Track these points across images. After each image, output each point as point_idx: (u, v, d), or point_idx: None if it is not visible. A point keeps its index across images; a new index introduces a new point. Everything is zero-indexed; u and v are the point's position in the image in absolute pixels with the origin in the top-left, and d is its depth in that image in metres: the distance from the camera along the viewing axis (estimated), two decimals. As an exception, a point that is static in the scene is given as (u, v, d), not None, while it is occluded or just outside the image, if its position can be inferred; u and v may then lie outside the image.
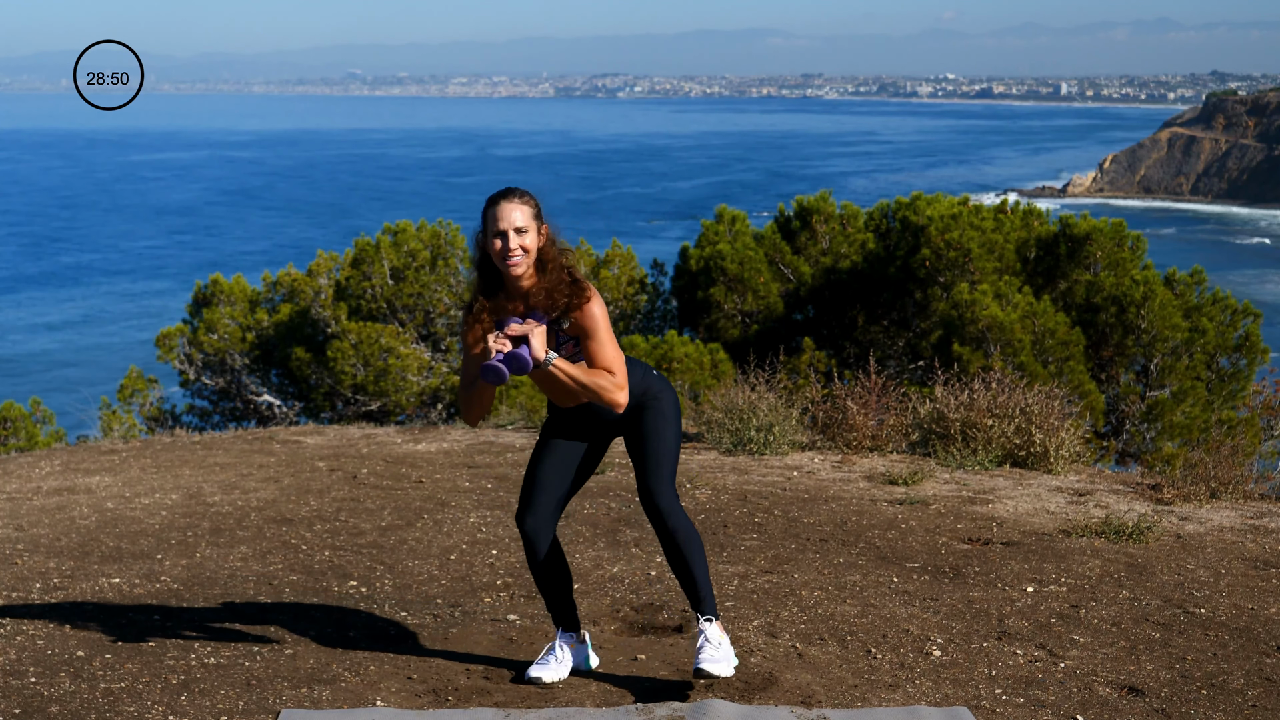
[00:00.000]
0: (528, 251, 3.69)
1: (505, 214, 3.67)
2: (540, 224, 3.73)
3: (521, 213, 3.68)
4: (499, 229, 3.67)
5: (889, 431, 7.86)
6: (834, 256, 12.07)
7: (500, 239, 3.67)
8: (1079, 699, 3.90)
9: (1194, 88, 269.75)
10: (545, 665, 3.99)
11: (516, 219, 3.67)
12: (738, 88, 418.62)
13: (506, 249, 3.67)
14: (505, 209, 3.68)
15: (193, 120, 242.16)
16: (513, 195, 3.71)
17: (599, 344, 3.75)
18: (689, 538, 3.80)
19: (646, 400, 3.91)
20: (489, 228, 3.69)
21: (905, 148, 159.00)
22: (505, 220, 3.67)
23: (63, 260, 71.21)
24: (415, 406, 12.29)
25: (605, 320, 3.77)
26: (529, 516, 3.90)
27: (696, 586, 3.83)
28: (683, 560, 3.80)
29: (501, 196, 3.70)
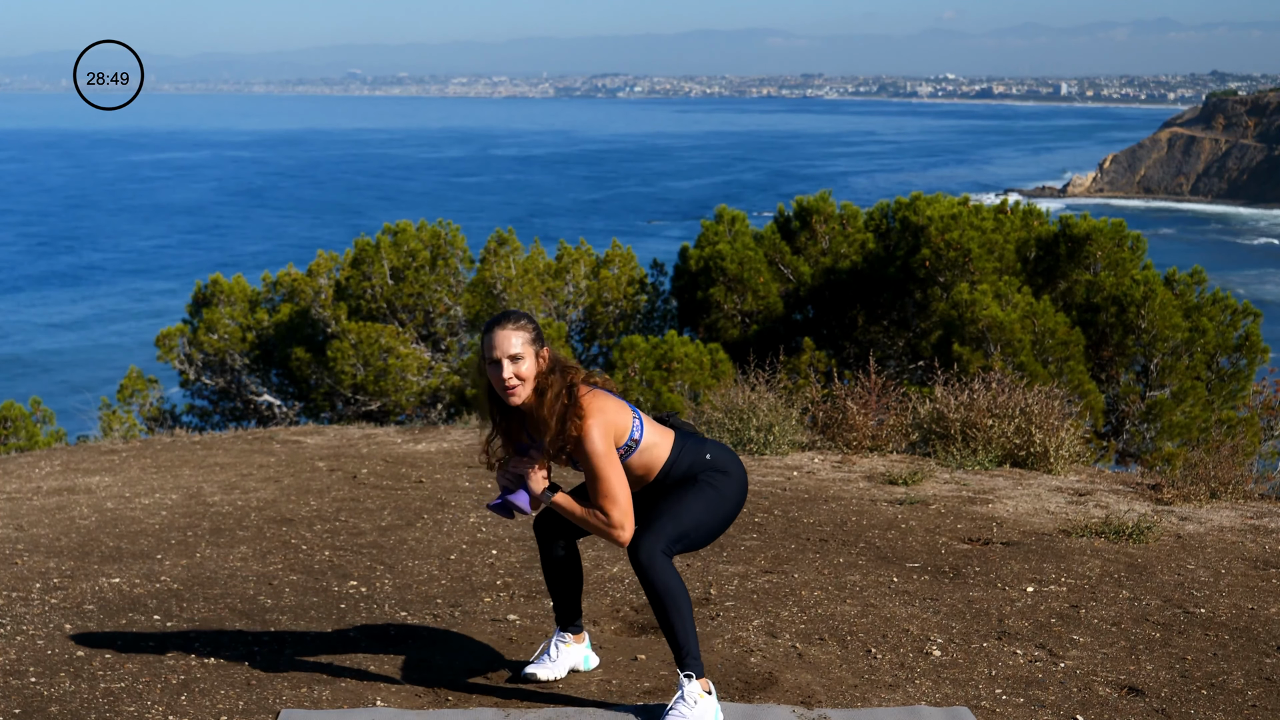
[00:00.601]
0: (524, 379, 3.59)
1: (500, 342, 3.57)
2: (539, 348, 3.62)
3: (518, 338, 3.58)
4: (494, 357, 3.58)
5: (889, 431, 7.86)
6: (834, 256, 12.07)
7: (495, 368, 3.58)
8: (1079, 699, 3.90)
9: (1194, 88, 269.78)
10: (541, 663, 3.98)
11: (511, 346, 3.57)
12: (738, 88, 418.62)
13: (501, 378, 3.58)
14: (500, 337, 3.57)
15: (195, 120, 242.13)
16: (507, 322, 3.61)
17: (594, 476, 3.59)
18: (668, 592, 3.57)
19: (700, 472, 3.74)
20: (485, 355, 3.60)
21: (905, 148, 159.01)
22: (499, 348, 3.57)
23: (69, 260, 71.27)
24: (415, 406, 12.29)
25: (605, 445, 3.59)
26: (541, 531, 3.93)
27: (677, 640, 3.61)
28: (663, 612, 3.59)
29: (496, 324, 3.60)
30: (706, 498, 3.70)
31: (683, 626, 3.60)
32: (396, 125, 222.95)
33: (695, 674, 3.62)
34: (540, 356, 3.62)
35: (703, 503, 3.68)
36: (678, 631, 3.60)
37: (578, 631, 4.04)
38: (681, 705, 3.57)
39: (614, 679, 4.03)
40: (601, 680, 4.02)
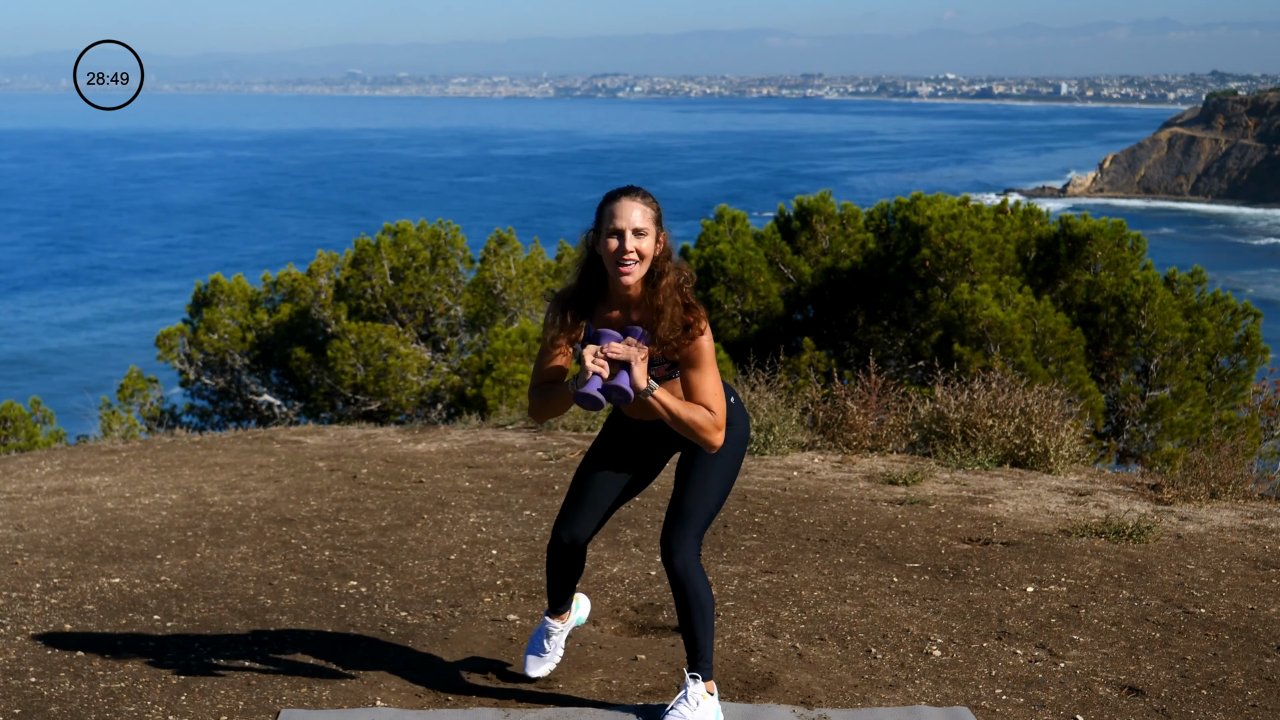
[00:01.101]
0: (643, 257, 3.37)
1: (625, 212, 3.36)
2: (660, 230, 3.41)
3: (642, 213, 3.37)
4: (616, 227, 3.35)
5: (889, 431, 7.86)
6: (834, 256, 12.07)
7: (616, 239, 3.36)
8: (1079, 699, 3.90)
9: (1194, 88, 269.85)
10: (541, 660, 3.93)
11: (636, 219, 3.36)
12: (738, 88, 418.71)
13: (622, 250, 3.35)
14: (625, 207, 3.36)
15: (196, 120, 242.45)
16: (635, 194, 3.40)
17: (702, 376, 3.44)
18: (697, 597, 3.53)
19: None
20: (604, 225, 3.38)
21: (905, 148, 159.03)
22: (624, 219, 3.35)
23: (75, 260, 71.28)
24: (415, 406, 12.29)
25: (712, 350, 3.46)
26: (570, 531, 3.66)
27: (696, 644, 3.58)
28: (689, 617, 3.55)
29: (622, 193, 3.39)
30: (727, 471, 3.59)
31: (705, 631, 3.57)
32: (399, 125, 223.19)
33: (703, 676, 3.60)
34: (660, 239, 3.42)
35: (724, 477, 3.58)
36: (699, 636, 3.58)
37: (563, 611, 3.93)
38: (683, 705, 3.56)
39: (614, 679, 4.03)
40: (601, 680, 4.02)
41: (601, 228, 3.40)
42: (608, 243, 3.37)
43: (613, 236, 3.37)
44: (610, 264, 3.38)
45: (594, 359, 3.35)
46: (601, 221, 3.40)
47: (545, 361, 3.53)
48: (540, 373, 3.53)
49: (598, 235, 3.42)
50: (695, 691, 3.58)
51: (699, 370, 3.44)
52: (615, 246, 3.36)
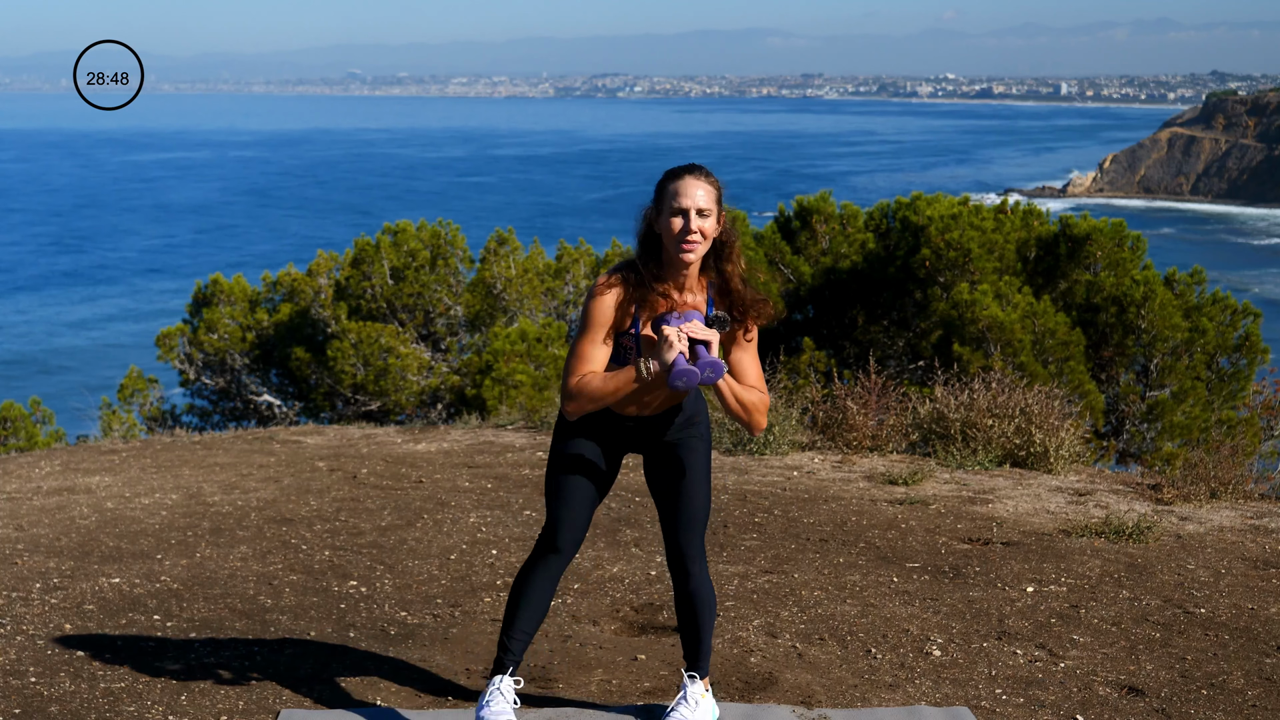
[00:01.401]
0: (706, 238, 3.29)
1: (689, 190, 3.27)
2: (721, 209, 3.34)
3: (706, 192, 3.29)
4: (680, 205, 3.26)
5: (889, 431, 7.86)
6: (834, 256, 12.07)
7: (681, 217, 3.26)
8: (1079, 699, 3.90)
9: (1194, 88, 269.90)
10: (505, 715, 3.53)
11: (700, 198, 3.27)
12: (738, 88, 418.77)
13: (686, 230, 3.26)
14: (690, 185, 3.28)
15: (198, 120, 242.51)
16: (699, 172, 3.31)
17: (754, 359, 3.44)
18: (706, 601, 3.54)
19: (699, 418, 3.55)
20: (667, 203, 3.28)
21: (905, 148, 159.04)
22: (689, 197, 3.26)
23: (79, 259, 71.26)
24: (415, 406, 12.29)
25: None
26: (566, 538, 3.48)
27: (699, 646, 3.59)
28: (700, 620, 3.55)
29: (686, 171, 3.31)
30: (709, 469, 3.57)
31: (709, 633, 3.61)
32: (400, 125, 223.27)
33: (702, 675, 3.63)
34: (721, 218, 3.34)
35: (710, 475, 3.57)
36: (703, 638, 3.60)
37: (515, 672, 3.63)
38: (683, 707, 3.57)
39: (614, 679, 4.03)
40: (601, 680, 4.02)
41: (664, 205, 3.30)
42: (671, 221, 3.29)
43: (677, 215, 3.28)
44: (673, 243, 3.29)
45: (679, 336, 3.24)
46: (664, 199, 3.31)
47: (592, 348, 3.33)
48: (587, 359, 3.33)
49: (658, 213, 3.32)
50: (695, 691, 3.60)
51: (751, 353, 3.44)
52: (680, 226, 3.27)
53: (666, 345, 3.22)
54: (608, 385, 3.30)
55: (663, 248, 3.33)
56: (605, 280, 3.34)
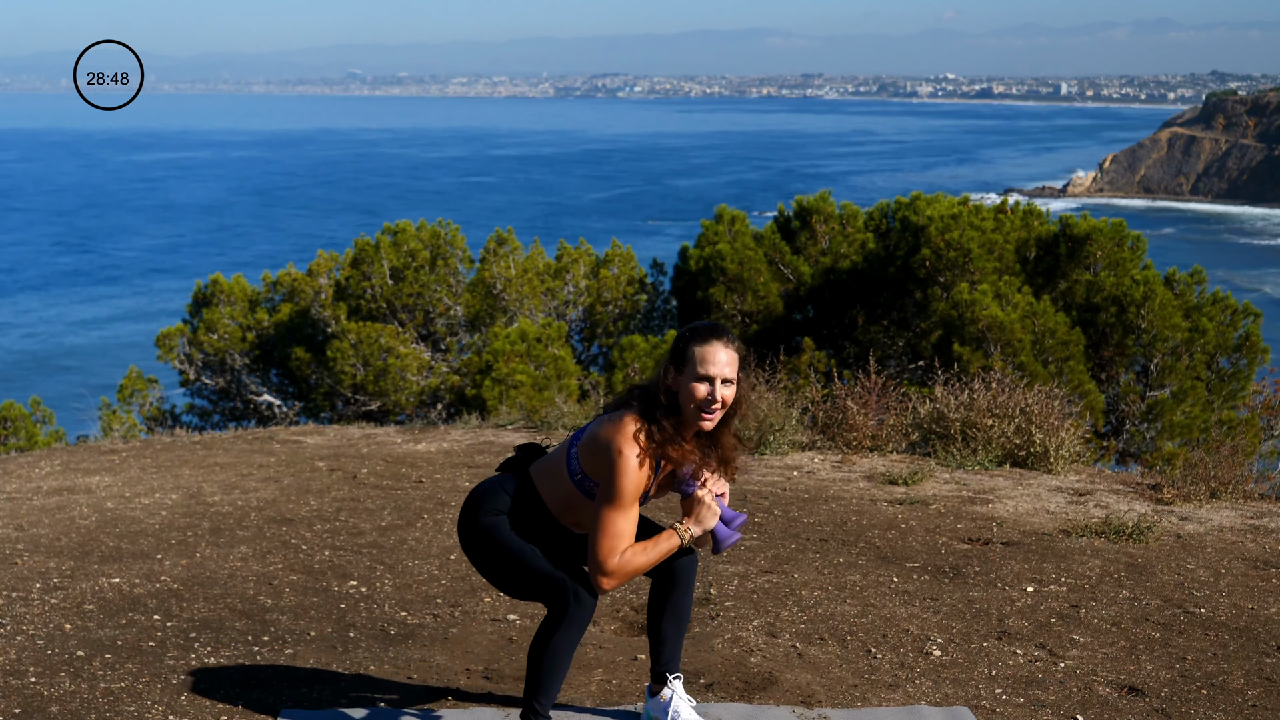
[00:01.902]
0: (725, 405, 3.22)
1: (715, 358, 3.18)
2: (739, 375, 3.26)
3: (730, 359, 3.20)
4: (707, 374, 3.18)
5: (889, 431, 7.86)
6: (834, 256, 12.07)
7: (706, 385, 3.18)
8: (1079, 699, 3.90)
9: (1194, 88, 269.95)
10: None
11: (726, 369, 3.19)
12: (738, 88, 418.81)
13: (711, 400, 3.18)
14: (715, 351, 3.19)
15: (203, 120, 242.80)
16: (724, 336, 3.22)
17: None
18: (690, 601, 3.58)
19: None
20: (689, 367, 3.19)
21: (905, 148, 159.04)
22: (714, 365, 3.18)
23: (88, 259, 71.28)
24: (415, 406, 12.29)
25: None
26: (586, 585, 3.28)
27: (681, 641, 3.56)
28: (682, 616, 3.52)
29: (711, 334, 3.21)
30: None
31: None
32: (403, 125, 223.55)
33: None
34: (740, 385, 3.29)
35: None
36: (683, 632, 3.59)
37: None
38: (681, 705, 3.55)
39: (614, 679, 4.03)
40: (601, 680, 4.02)
41: (686, 369, 3.21)
42: (694, 387, 3.19)
43: (702, 382, 3.19)
44: (692, 408, 3.21)
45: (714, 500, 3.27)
46: (687, 363, 3.20)
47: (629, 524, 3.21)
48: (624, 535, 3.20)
49: (679, 373, 3.22)
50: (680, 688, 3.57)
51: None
52: (705, 394, 3.19)
53: (709, 513, 3.25)
54: (649, 557, 3.24)
55: (679, 406, 3.23)
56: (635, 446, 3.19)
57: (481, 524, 3.33)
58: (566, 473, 3.29)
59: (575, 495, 3.28)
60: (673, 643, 3.52)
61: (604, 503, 3.19)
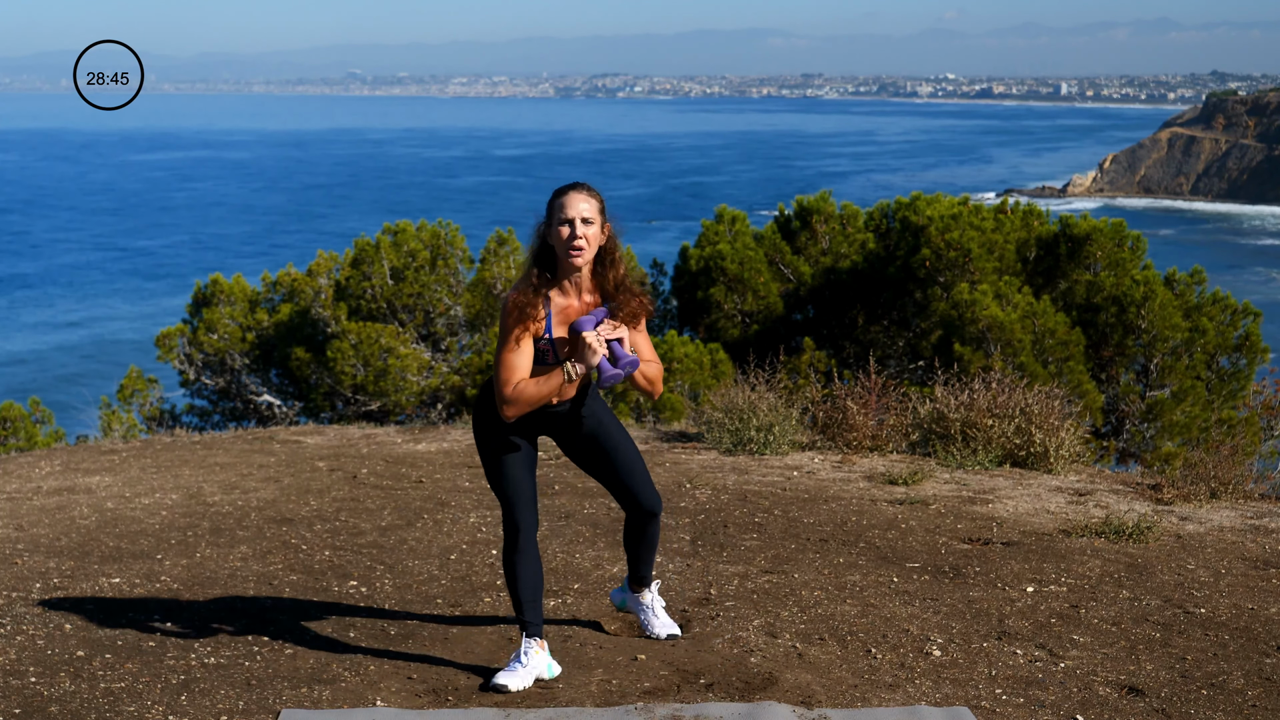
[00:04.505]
0: (590, 243, 3.76)
1: (573, 203, 3.75)
2: (604, 220, 3.81)
3: (588, 205, 3.77)
4: (566, 216, 3.74)
5: (889, 431, 7.86)
6: (834, 256, 12.07)
7: (567, 226, 3.74)
8: (1079, 699, 3.90)
9: (1194, 88, 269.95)
10: (514, 672, 3.94)
11: (584, 209, 3.75)
12: (738, 88, 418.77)
13: (573, 237, 3.73)
14: (573, 198, 3.76)
15: (213, 120, 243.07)
16: (581, 188, 3.80)
17: (646, 340, 3.95)
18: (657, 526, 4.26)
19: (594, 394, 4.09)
20: (555, 216, 3.76)
21: (905, 148, 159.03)
22: (573, 209, 3.75)
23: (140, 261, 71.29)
24: (415, 406, 12.29)
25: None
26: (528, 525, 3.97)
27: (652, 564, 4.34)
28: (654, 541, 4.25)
29: (570, 188, 3.79)
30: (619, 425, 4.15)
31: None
32: (419, 125, 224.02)
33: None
34: (604, 229, 3.82)
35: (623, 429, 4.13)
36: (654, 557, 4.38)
37: (542, 637, 4.05)
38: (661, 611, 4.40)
39: (614, 679, 4.03)
40: (601, 680, 4.02)
41: (553, 218, 3.77)
42: (558, 230, 3.75)
43: (564, 225, 3.74)
44: (562, 250, 3.75)
45: (599, 340, 3.71)
46: (552, 213, 3.78)
47: (516, 357, 3.78)
48: (516, 367, 3.78)
49: (549, 226, 3.79)
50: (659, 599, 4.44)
51: (643, 334, 3.93)
52: (567, 234, 3.74)
53: (590, 351, 3.71)
54: (542, 389, 3.78)
55: (556, 257, 3.80)
56: (515, 295, 3.78)
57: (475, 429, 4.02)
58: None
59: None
60: (647, 561, 4.29)
61: (498, 347, 3.81)
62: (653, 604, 4.39)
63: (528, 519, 3.95)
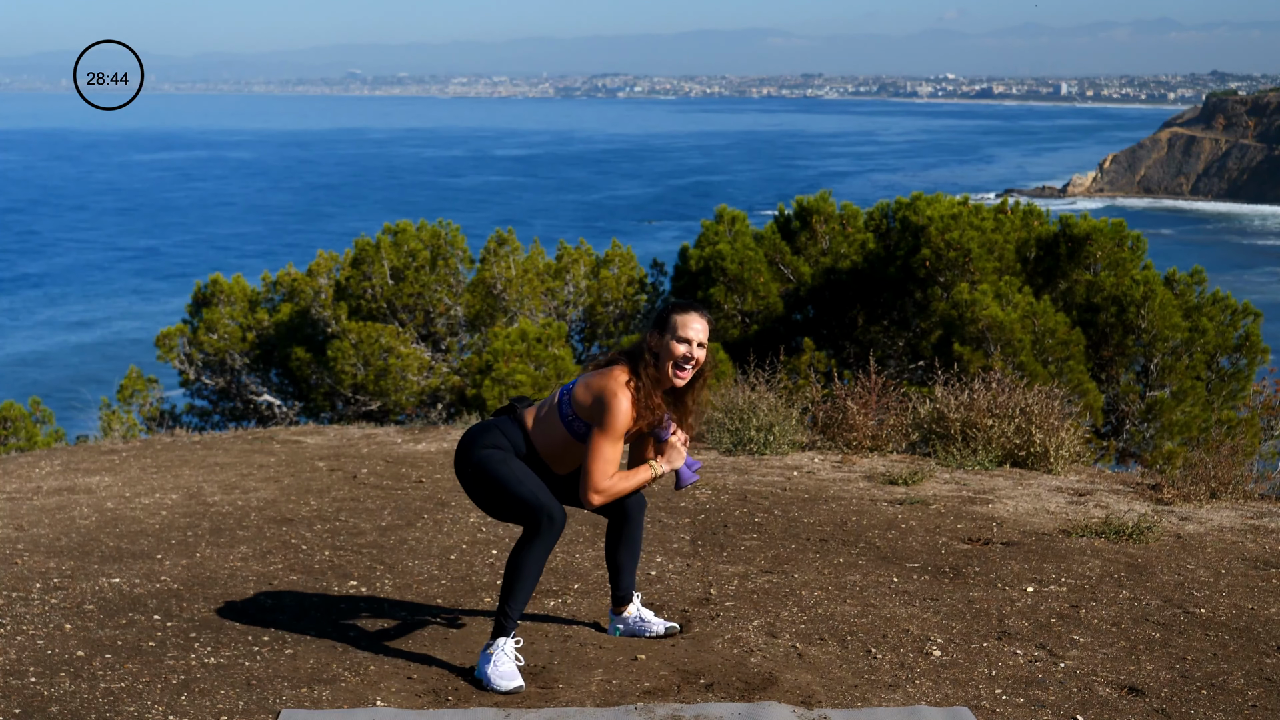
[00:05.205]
0: (697, 366, 3.99)
1: (692, 326, 3.95)
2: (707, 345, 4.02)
3: (703, 328, 3.97)
4: (685, 337, 3.94)
5: (889, 431, 7.86)
6: (834, 256, 12.07)
7: (685, 345, 3.94)
8: (1079, 699, 3.90)
9: (1194, 88, 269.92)
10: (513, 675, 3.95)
11: (701, 334, 3.96)
12: (738, 88, 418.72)
13: (687, 359, 3.94)
14: (693, 320, 3.95)
15: (218, 120, 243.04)
16: (702, 311, 3.99)
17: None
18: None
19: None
20: (671, 332, 3.94)
21: (905, 148, 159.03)
22: (692, 331, 3.94)
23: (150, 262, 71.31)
24: (415, 406, 12.29)
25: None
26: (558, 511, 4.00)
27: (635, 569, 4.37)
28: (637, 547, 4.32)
29: (690, 307, 3.98)
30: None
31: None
32: (423, 125, 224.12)
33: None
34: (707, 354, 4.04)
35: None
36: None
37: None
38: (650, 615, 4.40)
39: (614, 679, 4.03)
40: (601, 680, 4.02)
41: (669, 332, 3.96)
42: (674, 346, 3.95)
43: (682, 343, 3.95)
44: (669, 365, 3.95)
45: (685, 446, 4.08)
46: (669, 329, 3.96)
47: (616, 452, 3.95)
48: (614, 462, 3.96)
49: (661, 336, 3.97)
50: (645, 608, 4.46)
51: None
52: (683, 352, 3.95)
53: (678, 454, 4.04)
54: (630, 485, 4.01)
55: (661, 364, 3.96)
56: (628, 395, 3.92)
57: (476, 457, 4.03)
58: (558, 415, 4.00)
59: (563, 436, 4.00)
60: (629, 570, 4.32)
61: (600, 435, 3.91)
62: (640, 613, 4.39)
63: (560, 513, 3.98)
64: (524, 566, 3.96)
